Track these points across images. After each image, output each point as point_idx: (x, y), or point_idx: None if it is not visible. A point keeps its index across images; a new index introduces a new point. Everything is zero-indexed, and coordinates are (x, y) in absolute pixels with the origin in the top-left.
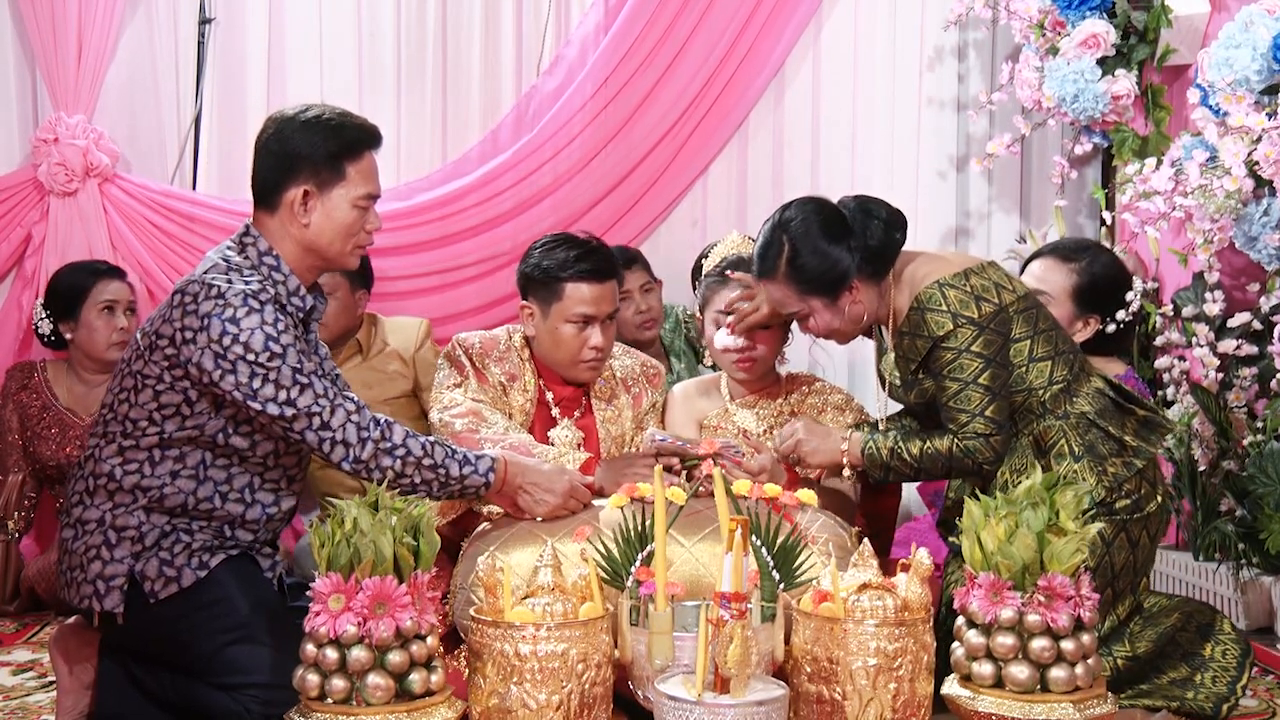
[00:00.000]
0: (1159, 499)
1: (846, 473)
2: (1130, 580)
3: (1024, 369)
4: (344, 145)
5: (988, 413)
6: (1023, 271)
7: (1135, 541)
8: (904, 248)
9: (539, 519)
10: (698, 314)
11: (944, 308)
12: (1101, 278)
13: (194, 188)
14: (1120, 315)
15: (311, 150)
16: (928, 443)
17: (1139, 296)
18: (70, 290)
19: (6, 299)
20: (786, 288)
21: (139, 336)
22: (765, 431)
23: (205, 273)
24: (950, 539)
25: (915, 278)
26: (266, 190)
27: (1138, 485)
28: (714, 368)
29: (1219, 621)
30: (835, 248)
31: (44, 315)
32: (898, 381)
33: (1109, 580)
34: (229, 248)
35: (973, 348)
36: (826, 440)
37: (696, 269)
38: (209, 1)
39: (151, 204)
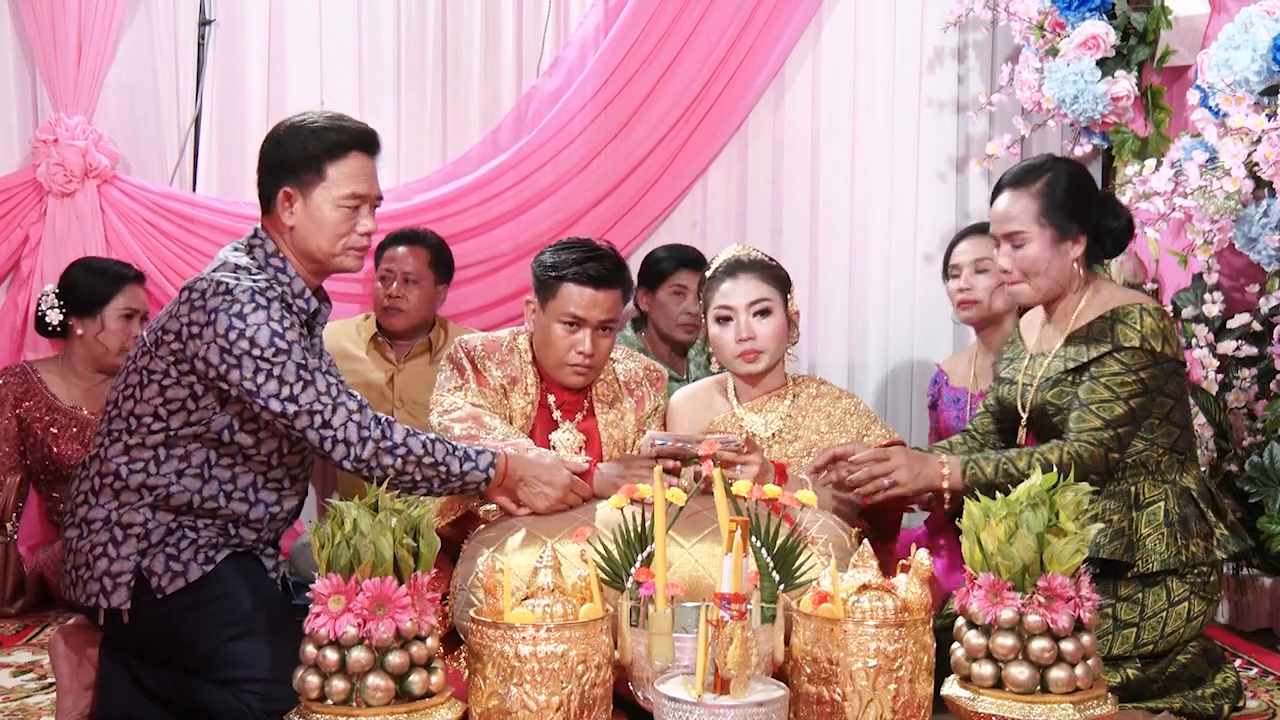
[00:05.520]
0: (1220, 595)
1: (947, 496)
2: (1172, 644)
3: (1157, 421)
4: (325, 147)
5: (1119, 430)
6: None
7: (1192, 616)
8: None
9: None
10: (701, 319)
11: (1137, 326)
12: None
13: (194, 189)
14: None
15: (292, 152)
16: (1035, 454)
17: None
18: (94, 292)
19: (4, 300)
20: (1033, 203)
21: (145, 334)
22: (773, 435)
23: (214, 271)
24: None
25: (1115, 298)
26: (263, 194)
27: (1210, 572)
28: (720, 370)
29: (1229, 659)
30: (1083, 201)
31: (57, 305)
32: (1031, 382)
33: (1158, 635)
34: (237, 249)
35: (1140, 373)
36: (925, 467)
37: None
38: (209, 3)
39: (150, 205)
